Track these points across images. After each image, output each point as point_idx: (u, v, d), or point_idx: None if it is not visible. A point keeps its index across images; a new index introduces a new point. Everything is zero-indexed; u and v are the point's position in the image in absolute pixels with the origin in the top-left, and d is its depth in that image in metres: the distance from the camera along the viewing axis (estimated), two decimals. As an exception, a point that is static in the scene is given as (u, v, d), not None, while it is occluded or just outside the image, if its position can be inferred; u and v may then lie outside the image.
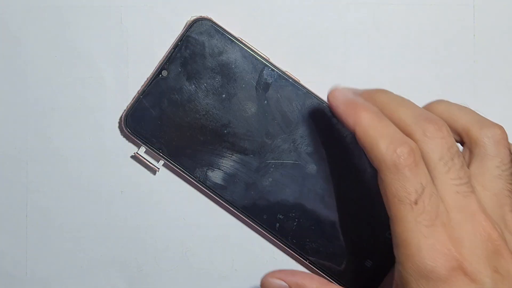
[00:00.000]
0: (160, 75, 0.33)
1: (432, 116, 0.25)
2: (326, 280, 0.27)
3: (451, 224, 0.24)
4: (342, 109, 0.26)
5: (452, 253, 0.23)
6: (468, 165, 0.26)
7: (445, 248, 0.23)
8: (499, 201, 0.25)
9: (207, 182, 0.33)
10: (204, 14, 0.33)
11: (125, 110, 0.33)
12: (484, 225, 0.24)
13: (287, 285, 0.27)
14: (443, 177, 0.24)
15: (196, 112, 0.33)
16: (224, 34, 0.33)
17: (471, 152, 0.26)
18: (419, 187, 0.24)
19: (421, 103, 0.34)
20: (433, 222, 0.23)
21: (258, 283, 0.34)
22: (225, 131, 0.33)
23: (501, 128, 0.26)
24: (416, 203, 0.23)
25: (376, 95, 0.26)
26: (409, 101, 0.26)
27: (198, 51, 0.33)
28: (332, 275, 0.33)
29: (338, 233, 0.33)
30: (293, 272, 0.28)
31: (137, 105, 0.33)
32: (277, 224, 0.33)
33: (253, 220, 0.33)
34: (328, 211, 0.33)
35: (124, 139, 0.34)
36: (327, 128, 0.33)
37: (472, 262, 0.23)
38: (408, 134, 0.25)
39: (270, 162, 0.33)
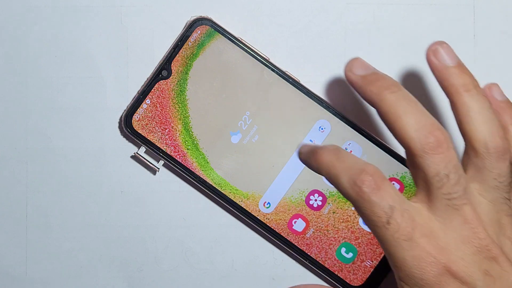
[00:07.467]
0: (160, 75, 0.33)
1: (434, 128, 0.25)
2: None
3: (434, 234, 0.25)
4: (308, 162, 0.27)
5: (438, 259, 0.24)
6: (466, 167, 0.27)
7: (429, 256, 0.24)
8: (495, 207, 0.26)
9: (207, 182, 0.33)
10: (204, 14, 0.33)
11: (125, 110, 0.33)
12: (475, 231, 0.25)
13: None
14: (435, 192, 0.25)
15: (196, 111, 0.33)
16: (224, 34, 0.33)
17: (470, 158, 0.27)
18: (387, 208, 0.25)
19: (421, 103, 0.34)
20: (411, 235, 0.25)
21: (258, 283, 0.34)
22: (225, 130, 0.33)
23: (503, 141, 0.26)
24: (388, 223, 0.25)
25: (384, 94, 0.26)
26: (415, 105, 0.26)
27: (198, 51, 0.33)
28: (331, 275, 0.33)
29: (339, 233, 0.33)
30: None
31: (137, 105, 0.33)
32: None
33: None
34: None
35: (124, 139, 0.34)
36: None
37: (461, 266, 0.25)
38: (408, 146, 0.26)
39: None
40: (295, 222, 0.33)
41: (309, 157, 0.27)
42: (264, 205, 0.33)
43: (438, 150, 0.25)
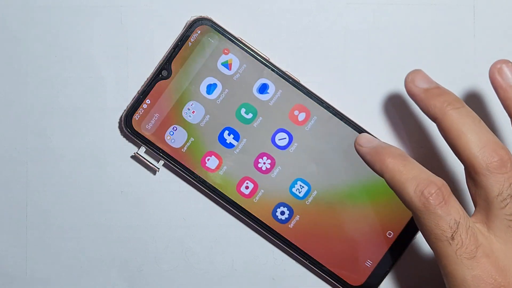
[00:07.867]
0: (160, 75, 0.33)
1: (498, 147, 0.25)
2: None
3: (496, 254, 0.25)
4: (368, 158, 0.28)
5: (498, 281, 0.24)
6: None
7: (490, 277, 0.24)
8: None
9: (207, 182, 0.33)
10: (204, 14, 0.33)
11: (125, 110, 0.33)
12: None
13: None
14: (497, 212, 0.25)
15: (196, 112, 0.33)
16: (224, 34, 0.33)
17: None
18: (453, 223, 0.25)
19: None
20: (474, 254, 0.24)
21: (258, 283, 0.34)
22: (224, 131, 0.33)
23: None
24: (453, 238, 0.24)
25: (447, 110, 0.26)
26: (479, 122, 0.26)
27: (198, 51, 0.33)
28: (331, 275, 0.33)
29: (339, 233, 0.33)
30: None
31: (137, 105, 0.33)
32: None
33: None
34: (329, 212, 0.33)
35: (124, 139, 0.34)
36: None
37: None
38: (471, 164, 0.25)
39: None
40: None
41: (372, 157, 0.27)
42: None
43: (502, 169, 0.25)
